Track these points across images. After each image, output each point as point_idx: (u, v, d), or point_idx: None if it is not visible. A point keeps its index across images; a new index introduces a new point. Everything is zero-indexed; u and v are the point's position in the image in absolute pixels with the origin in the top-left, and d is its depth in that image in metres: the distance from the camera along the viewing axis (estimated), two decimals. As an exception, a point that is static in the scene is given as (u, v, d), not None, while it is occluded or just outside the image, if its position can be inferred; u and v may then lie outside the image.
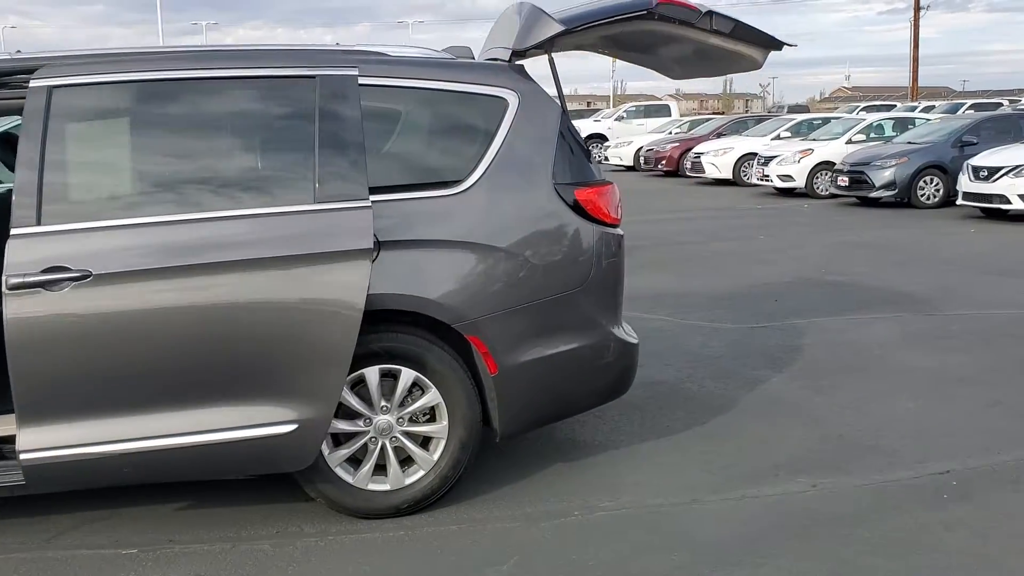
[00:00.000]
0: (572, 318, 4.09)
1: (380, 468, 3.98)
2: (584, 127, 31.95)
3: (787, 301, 8.15)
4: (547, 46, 4.21)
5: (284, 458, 3.71)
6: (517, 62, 4.24)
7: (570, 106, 5.17)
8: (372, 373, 3.90)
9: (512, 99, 4.08)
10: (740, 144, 21.21)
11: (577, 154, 4.16)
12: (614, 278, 4.21)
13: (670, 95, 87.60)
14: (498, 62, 4.24)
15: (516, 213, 4.00)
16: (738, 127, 24.12)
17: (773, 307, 7.93)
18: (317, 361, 3.62)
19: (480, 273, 3.92)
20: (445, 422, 3.99)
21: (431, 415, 4.01)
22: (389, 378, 3.93)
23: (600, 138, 30.80)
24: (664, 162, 24.08)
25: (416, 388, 3.97)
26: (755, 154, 19.62)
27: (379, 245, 3.80)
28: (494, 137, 4.02)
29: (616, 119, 31.98)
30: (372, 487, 3.98)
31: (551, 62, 4.33)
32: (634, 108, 33.75)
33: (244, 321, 3.56)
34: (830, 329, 7.05)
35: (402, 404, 3.96)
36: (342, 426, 3.91)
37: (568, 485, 4.29)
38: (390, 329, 3.89)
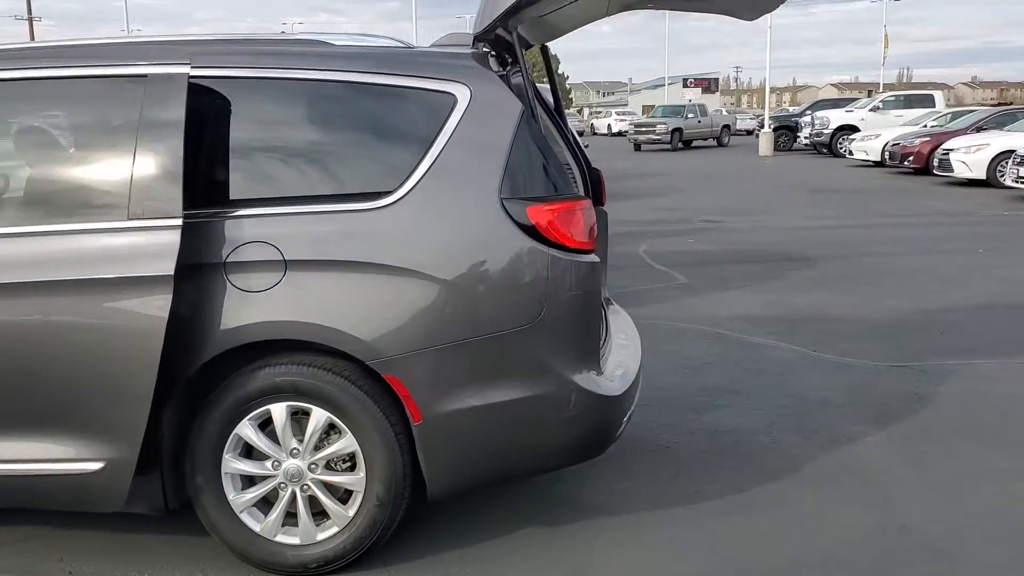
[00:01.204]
0: (518, 362, 3.36)
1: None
2: (834, 118, 29.61)
3: (958, 334, 6.78)
4: (507, 22, 3.49)
5: (95, 497, 3.36)
6: (484, 50, 3.56)
7: (849, 95, 4.30)
8: (279, 410, 3.40)
9: (461, 96, 3.41)
10: (998, 140, 18.60)
11: (539, 164, 3.42)
12: (578, 316, 3.43)
13: (966, 83, 79.99)
14: (454, 49, 3.58)
15: (450, 233, 3.33)
16: (1004, 121, 21.25)
17: (934, 341, 6.61)
18: (116, 397, 3.24)
19: (402, 303, 3.30)
20: (363, 474, 3.42)
21: (353, 464, 3.45)
22: (305, 417, 3.42)
23: (851, 130, 28.41)
24: (912, 158, 21.69)
25: (334, 432, 3.43)
26: (1013, 152, 17.12)
27: (286, 264, 3.30)
28: (433, 141, 3.37)
29: (871, 109, 29.32)
30: (281, 539, 3.48)
31: (517, 45, 3.60)
32: (893, 98, 30.79)
33: (42, 350, 3.23)
34: (986, 377, 5.72)
35: (318, 448, 3.43)
36: (245, 467, 3.45)
37: (527, 558, 3.58)
38: (297, 362, 3.36)
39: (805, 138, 32.12)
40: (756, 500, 4.03)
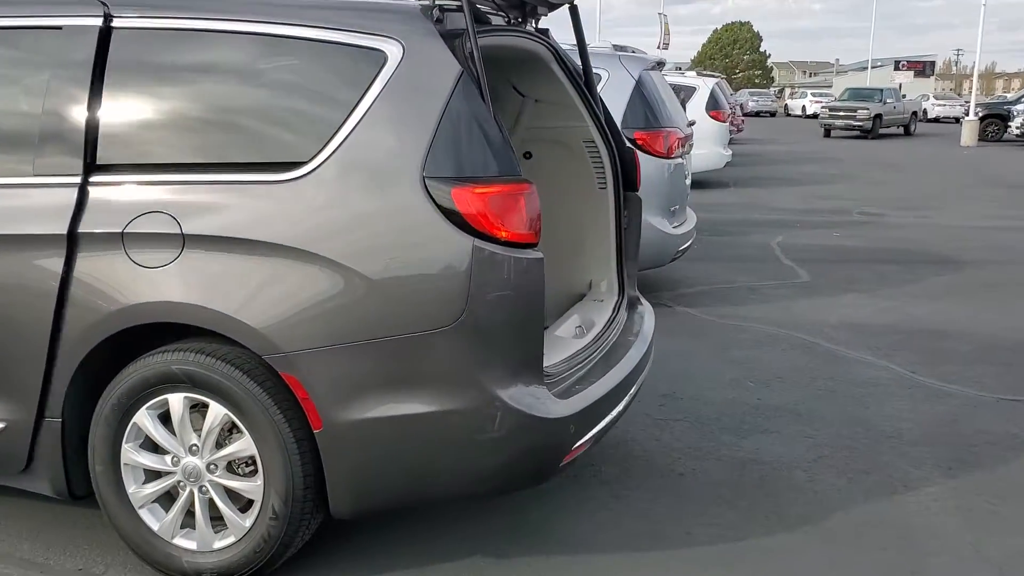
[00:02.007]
0: (434, 369, 2.86)
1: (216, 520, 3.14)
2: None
3: (1104, 366, 5.68)
4: None
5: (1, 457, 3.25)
6: (437, 2, 3.04)
7: None
8: (176, 401, 3.06)
9: (392, 54, 2.92)
10: None
11: (476, 139, 2.89)
12: (510, 320, 2.88)
13: None
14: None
15: (363, 215, 2.86)
16: None
17: (1070, 372, 5.55)
18: (12, 356, 3.14)
19: (306, 292, 2.87)
20: (261, 481, 3.02)
21: (256, 468, 3.06)
22: (205, 410, 3.06)
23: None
24: None
25: (236, 430, 3.05)
26: None
27: (184, 239, 2.94)
28: (356, 106, 2.91)
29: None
30: (178, 542, 3.15)
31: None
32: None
33: None
34: (1116, 423, 4.69)
35: (219, 446, 3.07)
36: (143, 460, 3.13)
37: (449, 594, 3.10)
38: (195, 349, 3.00)
39: (1017, 128, 29.26)
40: (750, 553, 3.36)
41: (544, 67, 4.00)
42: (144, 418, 3.09)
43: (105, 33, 3.11)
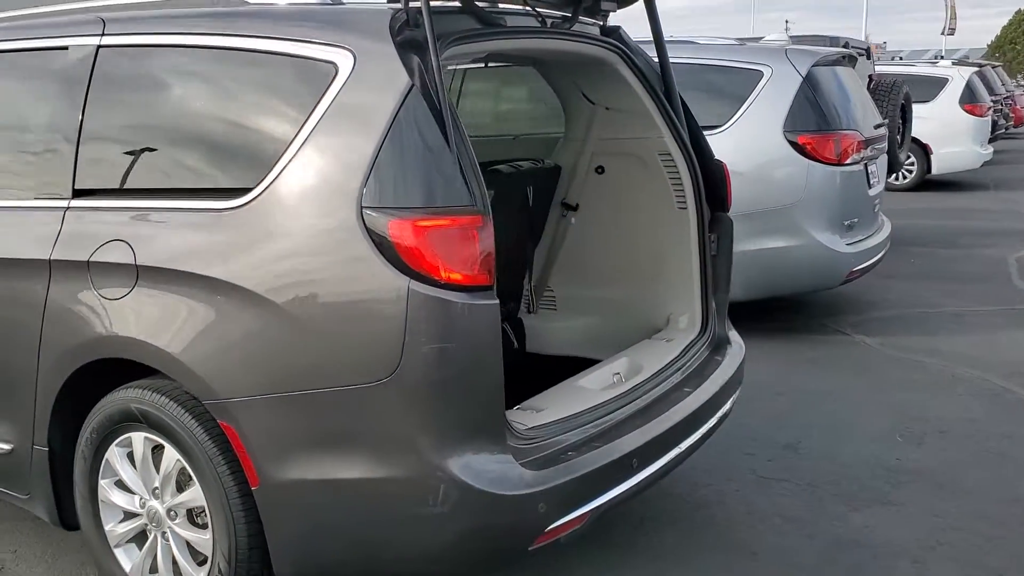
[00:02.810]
0: (367, 429, 2.48)
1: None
2: None
3: None
4: None
5: (10, 481, 3.22)
6: (409, 5, 2.64)
7: None
8: (138, 441, 2.89)
9: (344, 65, 2.56)
10: None
11: (425, 163, 2.46)
12: (455, 375, 2.43)
13: None
14: (364, 4, 2.71)
15: (300, 249, 2.53)
16: None
17: None
18: (11, 379, 3.09)
19: (245, 334, 2.58)
20: (209, 535, 2.78)
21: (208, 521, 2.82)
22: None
23: None
24: None
25: (192, 478, 2.83)
26: None
27: (137, 271, 2.75)
28: (302, 125, 2.58)
29: None
30: (145, 587, 2.98)
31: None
32: None
33: None
34: None
35: (180, 491, 2.86)
36: (114, 498, 2.99)
37: None
38: (154, 388, 2.80)
39: None
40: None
41: (611, 71, 3.49)
42: (114, 455, 2.94)
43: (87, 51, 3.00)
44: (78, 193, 2.97)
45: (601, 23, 3.53)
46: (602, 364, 3.32)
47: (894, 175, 13.16)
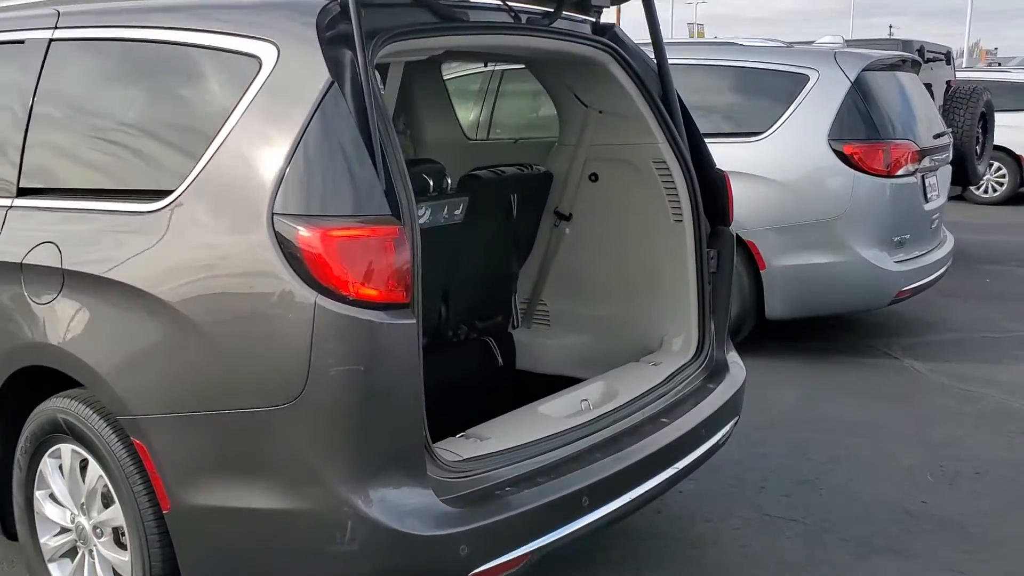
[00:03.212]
0: (273, 456, 2.28)
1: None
2: None
3: None
4: None
5: None
6: None
7: None
8: (66, 452, 2.75)
9: (267, 59, 2.37)
10: None
11: (342, 166, 2.24)
12: (366, 401, 2.21)
13: None
14: None
15: (213, 258, 2.34)
16: None
17: None
18: None
19: (158, 347, 2.42)
20: (127, 557, 2.62)
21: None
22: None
23: None
24: None
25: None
26: None
27: (63, 275, 2.61)
28: (223, 124, 2.40)
29: None
30: (73, 606, 2.84)
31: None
32: None
33: None
34: None
35: (107, 507, 2.71)
36: (47, 511, 2.86)
37: None
38: (82, 398, 2.66)
39: None
40: None
41: (602, 72, 3.23)
42: (46, 466, 2.81)
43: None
44: (22, 192, 2.85)
45: (594, 20, 3.28)
46: (572, 388, 3.06)
47: (981, 188, 12.53)
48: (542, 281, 3.76)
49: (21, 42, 2.94)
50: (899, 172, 5.47)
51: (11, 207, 2.84)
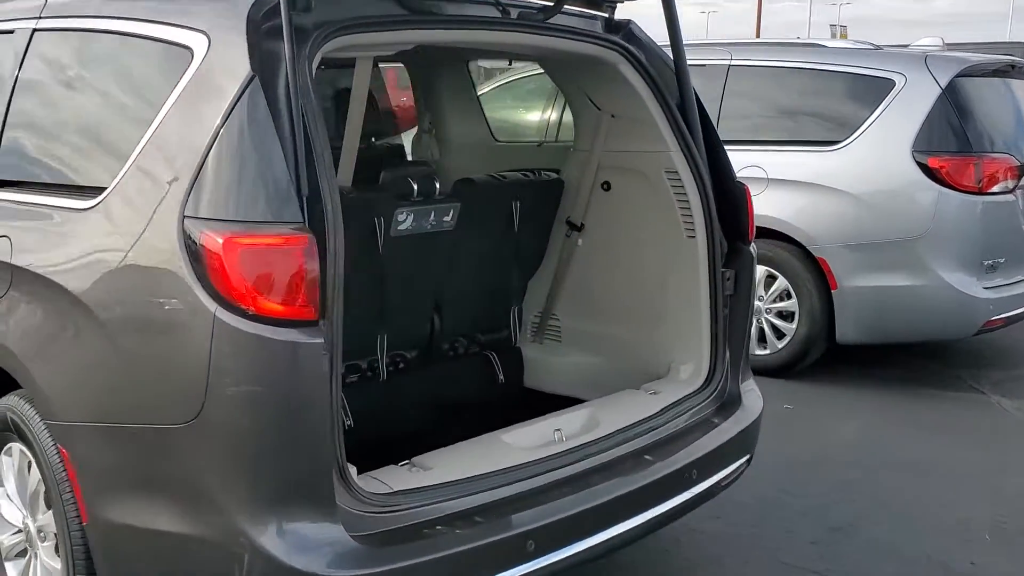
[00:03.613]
0: (175, 478, 2.13)
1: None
2: None
3: None
4: None
5: None
6: None
7: None
8: (15, 452, 2.69)
9: (199, 51, 2.23)
10: None
11: (256, 168, 2.07)
12: (267, 426, 2.03)
13: None
14: None
15: (130, 262, 2.22)
16: None
17: None
18: None
19: (79, 351, 2.33)
20: (61, 565, 2.53)
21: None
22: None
23: None
24: None
25: (59, 499, 2.59)
26: None
27: (12, 271, 2.54)
28: (153, 119, 2.27)
29: None
30: (19, 611, 2.78)
31: None
32: None
33: None
34: None
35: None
36: (4, 511, 2.80)
37: None
38: (24, 397, 2.58)
39: None
40: None
41: (612, 73, 2.98)
42: (2, 464, 2.76)
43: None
44: None
45: (607, 16, 3.01)
46: (550, 415, 2.80)
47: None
48: (555, 294, 3.52)
49: (32, 31, 2.87)
50: (993, 189, 4.96)
51: None
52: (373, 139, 3.31)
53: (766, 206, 5.17)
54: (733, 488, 3.09)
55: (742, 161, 5.33)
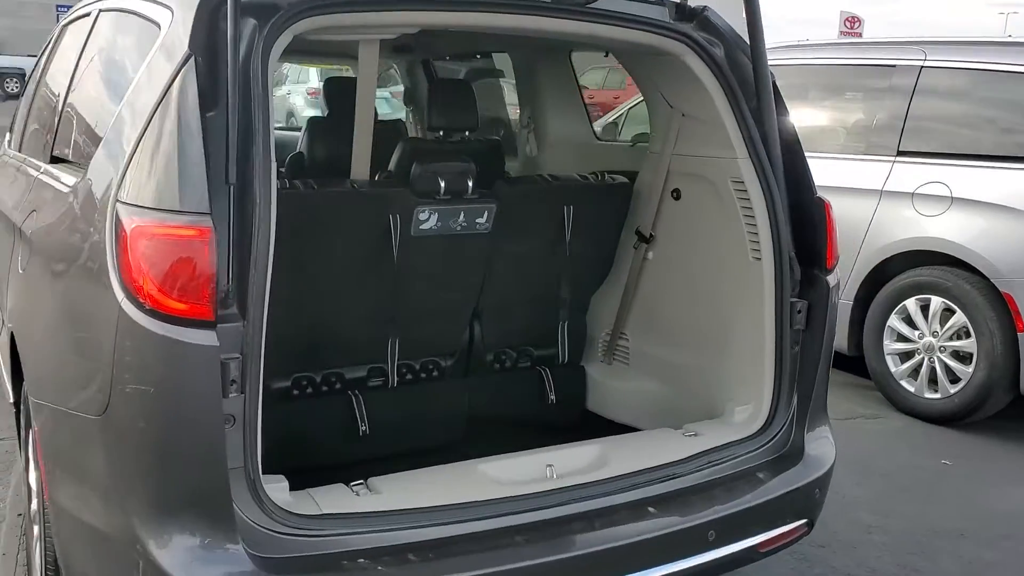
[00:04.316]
0: (92, 468, 2.05)
1: None
2: None
3: None
4: None
5: None
6: None
7: None
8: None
9: (164, 25, 2.16)
10: None
11: (176, 153, 1.93)
12: (164, 429, 1.89)
13: None
14: None
15: (74, 245, 2.19)
16: None
17: None
18: None
19: (42, 330, 2.39)
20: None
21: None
22: None
23: None
24: None
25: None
26: None
27: (23, 237, 2.63)
28: (124, 94, 2.23)
29: None
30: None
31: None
32: None
33: None
34: None
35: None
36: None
37: None
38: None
39: None
40: None
41: (679, 66, 2.63)
42: None
43: None
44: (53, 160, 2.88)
45: (676, 1, 2.64)
46: (549, 448, 2.49)
47: None
48: (624, 312, 3.16)
49: None
50: None
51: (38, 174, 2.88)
52: (468, 134, 3.12)
53: (946, 229, 4.52)
54: (835, 556, 2.63)
55: (923, 176, 4.70)
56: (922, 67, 4.91)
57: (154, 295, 1.86)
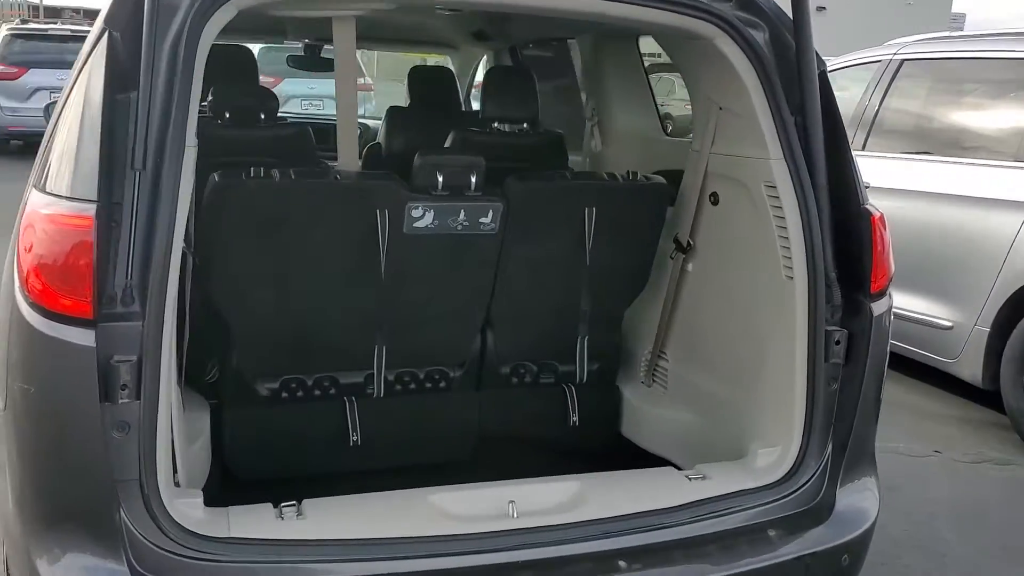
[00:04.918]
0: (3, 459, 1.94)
1: None
2: None
3: None
4: None
5: None
6: None
7: None
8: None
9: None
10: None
11: (78, 136, 1.78)
12: (42, 432, 1.76)
13: None
14: None
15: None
16: None
17: None
18: None
19: None
20: None
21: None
22: None
23: None
24: None
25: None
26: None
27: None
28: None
29: None
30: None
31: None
32: None
33: None
34: None
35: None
36: None
37: None
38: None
39: None
40: None
41: (713, 53, 2.29)
42: None
43: None
44: None
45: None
46: (517, 482, 2.18)
47: None
48: (664, 329, 2.81)
49: None
50: None
51: None
52: (525, 125, 2.87)
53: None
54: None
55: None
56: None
57: (37, 288, 1.73)
